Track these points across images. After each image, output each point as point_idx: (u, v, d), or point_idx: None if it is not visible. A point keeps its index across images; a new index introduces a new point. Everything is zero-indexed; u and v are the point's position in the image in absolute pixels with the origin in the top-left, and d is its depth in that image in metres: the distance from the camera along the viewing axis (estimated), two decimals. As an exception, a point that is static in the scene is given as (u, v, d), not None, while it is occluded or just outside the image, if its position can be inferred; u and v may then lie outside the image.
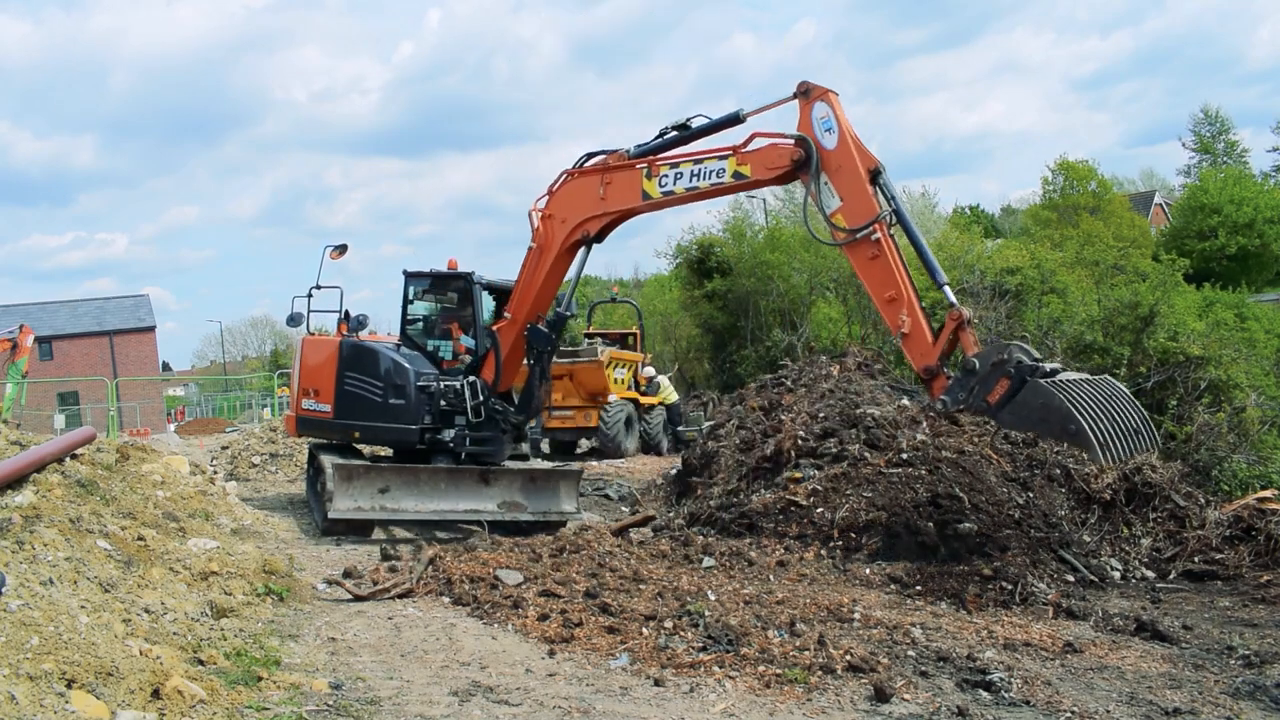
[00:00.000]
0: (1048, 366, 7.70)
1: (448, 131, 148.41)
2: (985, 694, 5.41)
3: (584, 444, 20.81)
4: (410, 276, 11.99)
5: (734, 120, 9.15)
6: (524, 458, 11.13)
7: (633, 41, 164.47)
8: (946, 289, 8.37)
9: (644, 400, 20.62)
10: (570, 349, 20.20)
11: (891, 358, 19.09)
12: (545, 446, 19.57)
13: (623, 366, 20.41)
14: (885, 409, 11.32)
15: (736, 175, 8.96)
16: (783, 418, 11.77)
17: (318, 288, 11.47)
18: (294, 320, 11.64)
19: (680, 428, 20.96)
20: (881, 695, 5.25)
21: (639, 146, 9.64)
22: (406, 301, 11.96)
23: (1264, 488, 10.69)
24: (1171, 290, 15.29)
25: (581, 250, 10.15)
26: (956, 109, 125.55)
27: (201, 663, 5.17)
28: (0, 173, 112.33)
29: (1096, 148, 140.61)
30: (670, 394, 21.58)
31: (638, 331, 22.80)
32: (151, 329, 51.80)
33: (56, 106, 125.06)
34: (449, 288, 12.01)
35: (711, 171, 9.06)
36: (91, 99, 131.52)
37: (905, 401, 12.04)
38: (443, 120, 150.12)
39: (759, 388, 14.40)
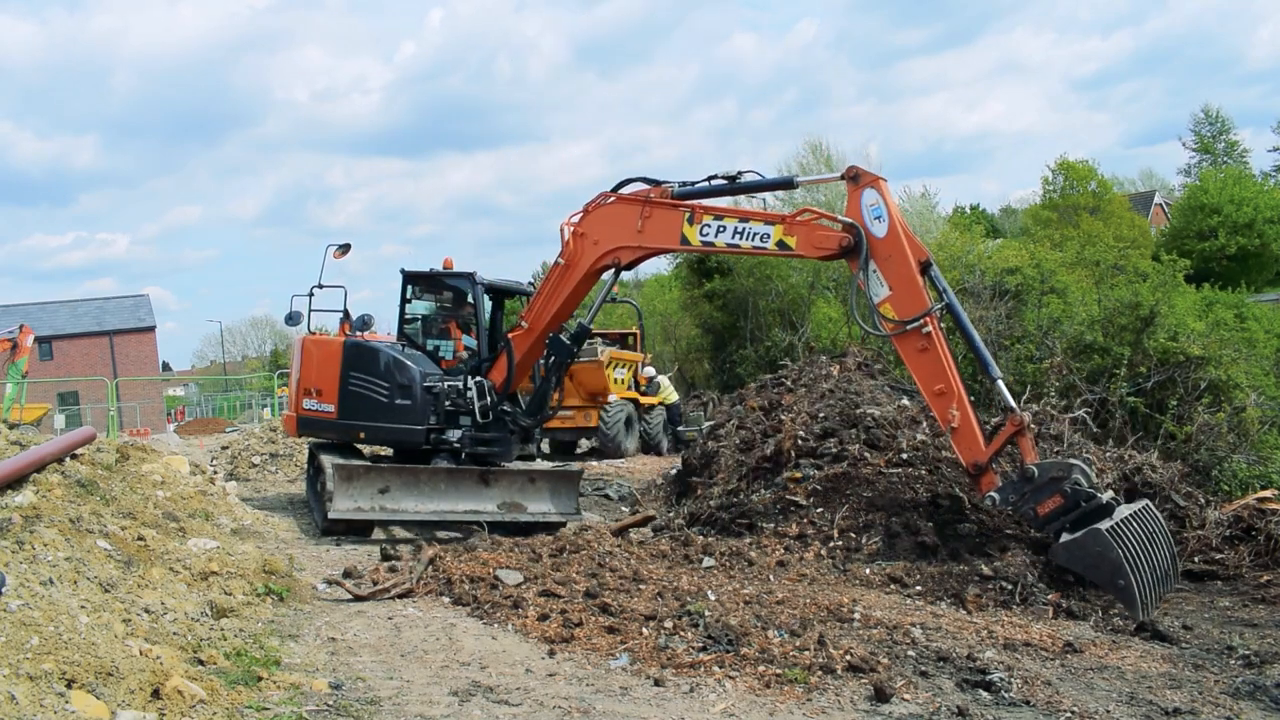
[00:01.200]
0: (1104, 498, 7.64)
1: (449, 131, 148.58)
2: (985, 694, 5.41)
3: (584, 444, 20.81)
4: (409, 276, 12.00)
5: (787, 184, 9.48)
6: (530, 458, 11.14)
7: (634, 41, 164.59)
8: (1002, 386, 8.21)
9: (644, 400, 20.62)
10: (570, 349, 20.19)
11: (891, 358, 19.09)
12: (545, 446, 19.58)
13: (623, 366, 20.41)
14: (885, 409, 11.32)
15: (781, 244, 8.99)
16: (783, 418, 11.76)
17: (320, 287, 11.44)
18: (292, 319, 11.57)
19: (680, 428, 20.97)
20: (881, 695, 5.25)
21: (683, 186, 9.66)
22: (404, 301, 11.97)
23: (1264, 488, 10.70)
24: (1172, 290, 15.28)
25: (610, 274, 10.19)
26: (957, 109, 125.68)
27: (201, 663, 5.17)
28: (2, 173, 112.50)
29: (1096, 148, 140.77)
30: (670, 394, 21.58)
31: (638, 331, 22.80)
32: (151, 329, 51.83)
33: (58, 106, 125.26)
34: (447, 287, 12.01)
35: (756, 234, 9.06)
36: (93, 99, 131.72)
37: (905, 401, 12.03)
38: (444, 120, 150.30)
39: (759, 388, 14.39)
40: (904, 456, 9.86)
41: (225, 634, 5.87)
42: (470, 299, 11.72)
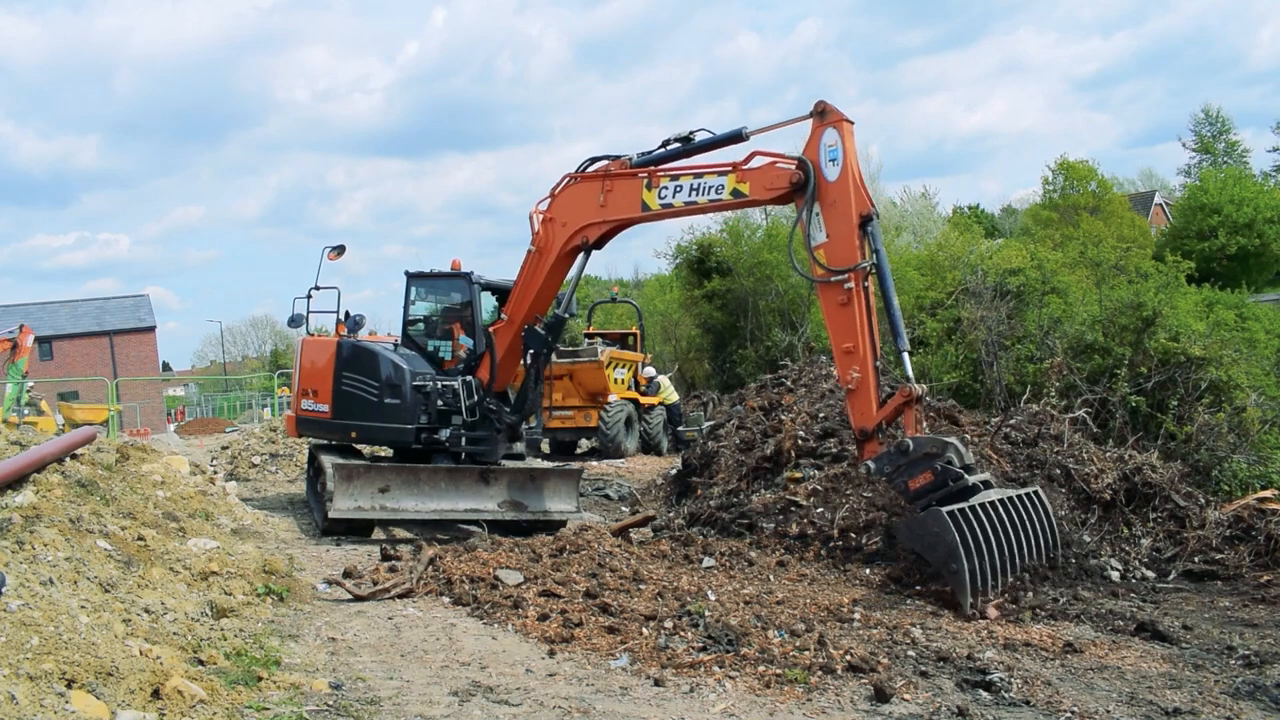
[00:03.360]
0: (971, 480, 7.52)
1: (451, 132, 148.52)
2: (985, 694, 5.40)
3: (584, 444, 20.81)
4: (412, 277, 12.04)
5: (737, 138, 9.01)
6: (519, 457, 11.10)
7: (636, 41, 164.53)
8: (906, 358, 8.11)
9: (644, 400, 20.62)
10: (570, 349, 20.20)
11: (890, 358, 19.09)
12: (545, 446, 19.58)
13: (623, 366, 20.41)
14: (885, 409, 11.31)
15: (735, 193, 8.85)
16: (783, 418, 11.77)
17: (316, 288, 11.56)
18: (295, 321, 11.76)
19: (680, 428, 20.96)
20: (881, 695, 5.25)
21: (642, 155, 9.57)
22: (408, 302, 12.01)
23: (1264, 488, 10.69)
24: (1174, 291, 15.28)
25: (580, 255, 10.12)
26: (958, 109, 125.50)
27: (201, 663, 5.17)
28: (5, 173, 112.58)
29: (1097, 148, 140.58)
30: (670, 394, 21.58)
31: (638, 331, 22.80)
32: (151, 329, 51.82)
33: (62, 107, 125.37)
34: (446, 288, 12.03)
35: (711, 187, 8.95)
36: (96, 99, 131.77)
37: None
38: (446, 120, 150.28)
39: (759, 388, 14.39)
40: (904, 456, 9.85)
41: (225, 634, 5.86)
42: (467, 298, 11.73)
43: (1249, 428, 12.56)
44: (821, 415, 11.37)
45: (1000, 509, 7.53)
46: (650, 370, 21.34)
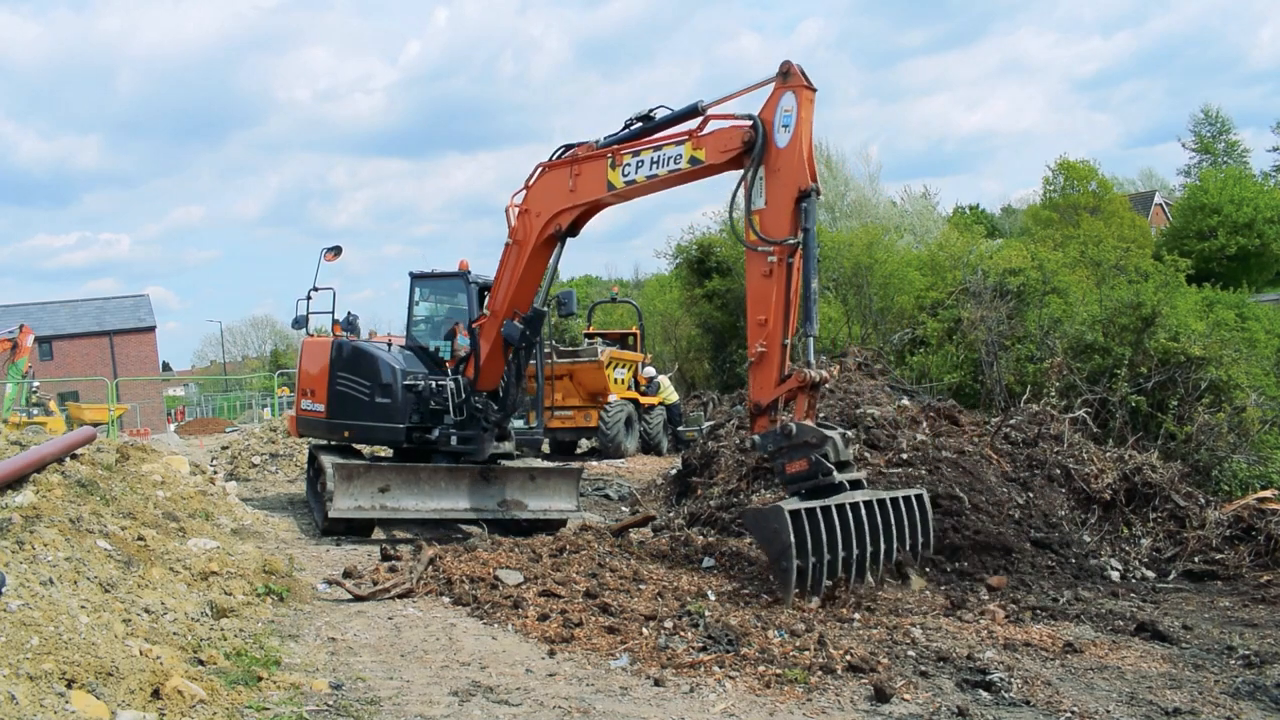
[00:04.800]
0: (838, 478, 7.48)
1: (452, 132, 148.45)
2: (985, 694, 5.41)
3: (584, 444, 20.81)
4: (416, 278, 12.08)
5: (694, 112, 8.66)
6: (507, 456, 11.01)
7: (637, 41, 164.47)
8: (812, 343, 7.92)
9: (644, 400, 20.62)
10: (570, 349, 20.20)
11: (891, 358, 19.10)
12: (545, 447, 19.60)
13: (623, 366, 20.41)
14: (885, 409, 11.33)
15: (693, 160, 8.61)
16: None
17: (315, 289, 11.62)
18: (298, 323, 11.87)
19: (680, 428, 20.96)
20: (881, 695, 5.25)
21: (608, 137, 9.41)
22: (412, 303, 12.05)
23: (1264, 488, 10.70)
24: (1174, 291, 15.29)
25: (557, 245, 10.00)
26: (959, 109, 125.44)
27: (201, 663, 5.17)
28: (6, 173, 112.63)
29: (1097, 148, 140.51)
30: (670, 394, 21.57)
31: (638, 331, 22.80)
32: (151, 329, 51.83)
33: (63, 107, 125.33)
34: (452, 289, 12.04)
35: (669, 158, 8.74)
36: (97, 99, 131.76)
37: (905, 401, 12.04)
38: (447, 120, 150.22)
39: (759, 388, 14.37)
40: (904, 456, 9.86)
41: (225, 634, 5.87)
42: (463, 297, 11.74)
43: (1249, 428, 12.57)
44: (821, 415, 11.37)
45: (854, 511, 7.45)
46: (650, 370, 21.34)
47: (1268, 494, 9.83)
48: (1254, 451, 12.33)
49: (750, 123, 8.15)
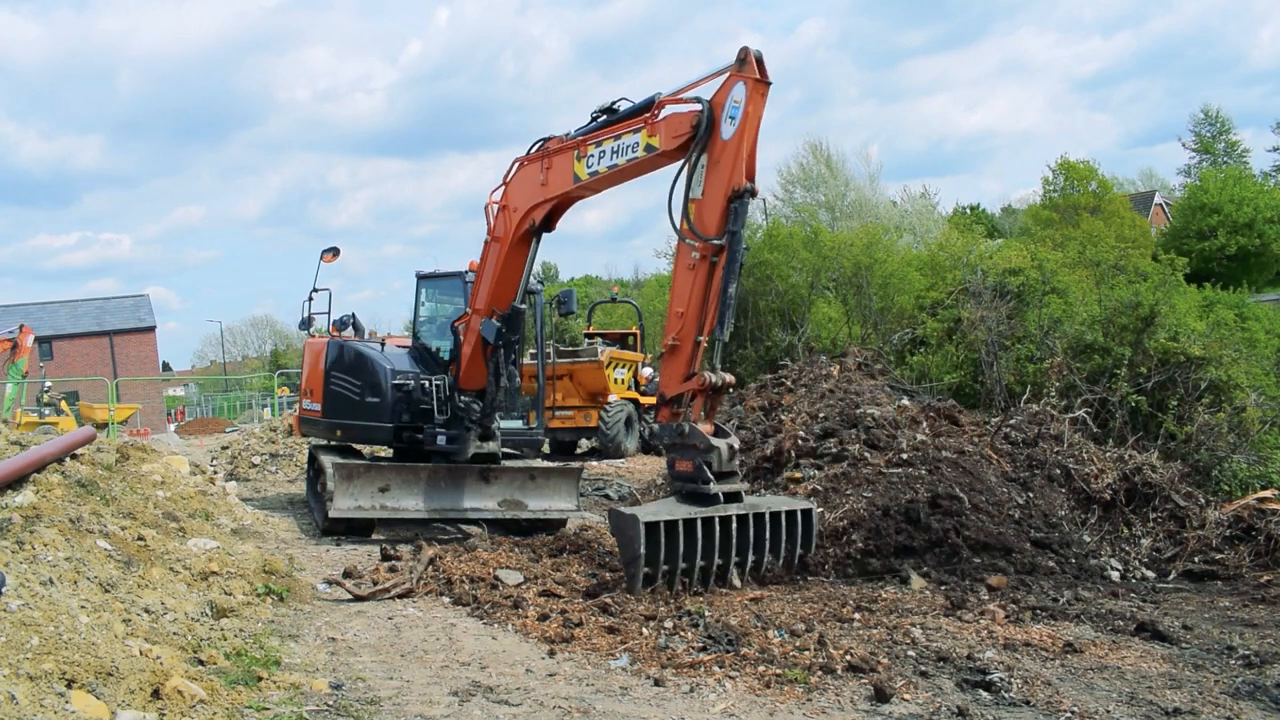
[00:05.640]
0: (713, 489, 7.57)
1: (453, 132, 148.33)
2: (985, 694, 5.40)
3: (584, 444, 20.81)
4: (422, 278, 12.11)
5: (652, 102, 8.39)
6: (492, 457, 10.94)
7: (638, 41, 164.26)
8: (718, 348, 7.85)
9: (644, 400, 20.62)
10: (570, 349, 20.20)
11: (891, 358, 19.10)
12: (545, 447, 19.60)
13: (623, 366, 20.41)
14: (885, 409, 11.33)
15: (648, 148, 8.37)
16: (783, 418, 11.77)
17: (316, 290, 11.72)
18: (304, 324, 12.01)
19: (680, 428, 20.92)
20: (881, 695, 5.25)
21: (578, 130, 9.25)
22: (418, 303, 12.08)
23: (1264, 488, 10.69)
24: (1172, 290, 15.29)
25: (533, 241, 9.90)
26: (959, 109, 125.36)
27: (201, 663, 5.17)
28: (7, 173, 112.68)
29: (1097, 148, 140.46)
30: (670, 394, 21.55)
31: (638, 331, 22.80)
32: (151, 329, 51.83)
33: (64, 107, 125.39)
34: (454, 289, 12.05)
35: (627, 147, 8.55)
36: (98, 99, 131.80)
37: (905, 401, 12.04)
38: (447, 120, 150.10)
39: (759, 388, 14.40)
40: (904, 456, 9.86)
41: (225, 634, 5.87)
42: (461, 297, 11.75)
43: (1249, 428, 12.57)
44: (821, 415, 11.38)
45: (711, 525, 7.54)
46: (650, 370, 21.33)
47: (1268, 494, 9.83)
48: (1254, 451, 12.33)
49: (699, 107, 7.89)
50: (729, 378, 7.92)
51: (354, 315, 11.91)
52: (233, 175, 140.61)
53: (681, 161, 7.97)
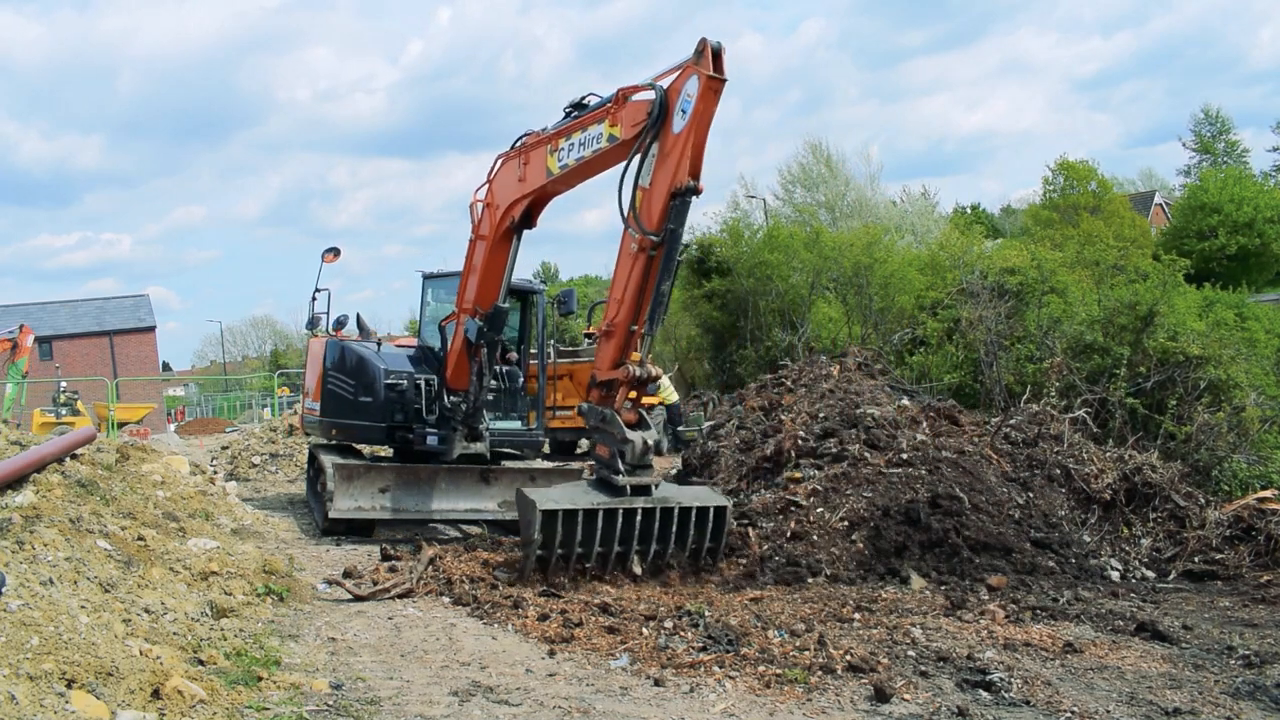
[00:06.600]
0: (621, 481, 7.79)
1: (453, 132, 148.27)
2: (985, 694, 5.40)
3: (584, 444, 20.79)
4: (427, 278, 12.13)
5: (611, 99, 8.32)
6: (479, 458, 10.91)
7: (638, 41, 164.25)
8: (646, 342, 7.96)
9: (644, 400, 20.60)
10: (570, 349, 20.18)
11: (891, 358, 19.09)
12: (545, 447, 19.58)
13: (623, 366, 20.37)
14: (885, 409, 11.32)
15: (610, 138, 8.28)
16: (783, 418, 11.76)
17: (319, 291, 11.80)
18: (311, 324, 12.11)
19: (680, 428, 20.94)
20: (881, 695, 5.25)
21: (555, 124, 9.17)
22: (423, 303, 12.09)
23: (1264, 488, 10.69)
24: (1172, 290, 15.27)
25: (514, 238, 9.87)
26: (959, 109, 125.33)
27: (201, 663, 5.17)
28: (8, 173, 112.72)
29: (1097, 148, 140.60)
30: (670, 394, 21.55)
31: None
32: (151, 329, 51.79)
33: (64, 107, 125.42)
34: (446, 288, 12.05)
35: (593, 138, 8.48)
36: (99, 99, 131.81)
37: (905, 401, 12.03)
38: (448, 120, 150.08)
39: (759, 388, 14.38)
40: (904, 456, 9.86)
41: (225, 634, 5.87)
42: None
43: (1249, 427, 12.56)
44: (821, 415, 11.37)
45: (612, 517, 7.75)
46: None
47: (1268, 494, 9.83)
48: (1254, 451, 12.32)
49: (654, 95, 7.75)
50: (654, 371, 8.11)
51: (359, 316, 11.98)
52: (233, 175, 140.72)
53: (635, 146, 7.89)
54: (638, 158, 7.86)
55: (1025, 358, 15.64)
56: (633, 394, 8.16)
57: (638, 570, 7.94)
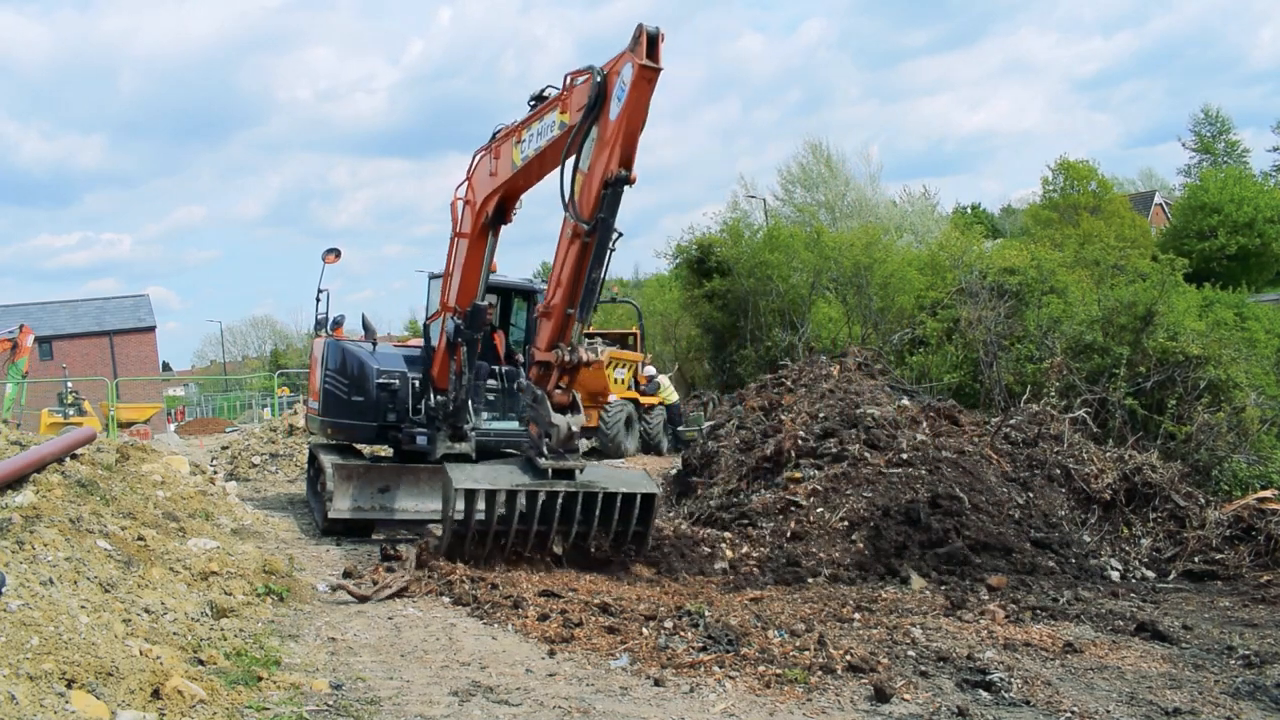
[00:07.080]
0: (543, 463, 7.99)
1: (454, 132, 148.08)
2: (985, 694, 5.40)
3: (584, 444, 20.79)
4: (434, 278, 12.14)
5: (566, 84, 8.20)
6: (465, 458, 10.90)
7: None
8: (577, 327, 8.08)
9: (644, 400, 20.62)
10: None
11: (891, 358, 19.10)
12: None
13: (623, 366, 20.41)
14: (885, 409, 11.33)
15: (561, 125, 8.20)
16: (783, 418, 11.77)
17: (320, 292, 11.86)
18: (319, 325, 12.26)
19: (680, 428, 20.95)
20: (881, 695, 5.25)
21: (524, 117, 9.13)
22: (429, 303, 12.10)
23: (1264, 488, 10.70)
24: (1171, 290, 15.29)
25: (490, 235, 9.86)
26: (959, 109, 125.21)
27: (201, 663, 5.17)
28: (8, 173, 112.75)
29: (1097, 148, 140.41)
30: (670, 394, 21.57)
31: (638, 331, 22.80)
32: (151, 329, 51.82)
33: (65, 107, 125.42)
34: None
35: (548, 127, 8.42)
36: (100, 99, 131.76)
37: (905, 401, 12.04)
38: (449, 120, 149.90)
39: (759, 388, 14.39)
40: (904, 456, 9.87)
41: (225, 634, 5.86)
42: None
43: (1249, 427, 12.57)
44: (821, 415, 11.38)
45: (535, 497, 7.94)
46: (650, 370, 21.33)
47: (1268, 494, 9.83)
48: (1254, 451, 12.33)
49: (594, 77, 7.64)
50: (585, 357, 8.20)
51: (364, 316, 12.02)
52: (233, 175, 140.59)
53: (574, 130, 7.82)
54: (576, 140, 7.80)
55: (1025, 358, 15.65)
56: (564, 379, 8.30)
57: (558, 550, 8.10)
